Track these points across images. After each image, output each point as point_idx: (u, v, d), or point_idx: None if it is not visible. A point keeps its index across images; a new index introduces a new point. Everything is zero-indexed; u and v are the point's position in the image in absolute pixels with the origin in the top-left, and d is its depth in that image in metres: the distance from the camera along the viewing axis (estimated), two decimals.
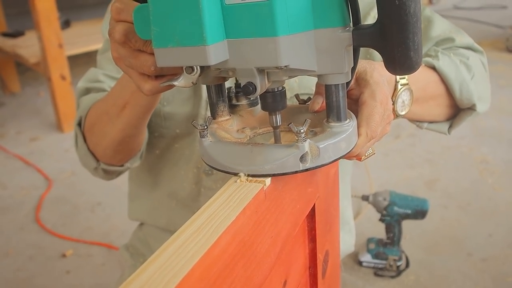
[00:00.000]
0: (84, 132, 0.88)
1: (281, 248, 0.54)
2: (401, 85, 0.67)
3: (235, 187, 0.48)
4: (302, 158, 0.49)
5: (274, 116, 0.53)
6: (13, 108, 3.25)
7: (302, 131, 0.48)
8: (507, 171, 2.21)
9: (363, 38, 0.47)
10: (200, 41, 0.45)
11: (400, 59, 0.46)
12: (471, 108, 0.84)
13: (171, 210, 1.00)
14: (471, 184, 2.13)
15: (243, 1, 0.45)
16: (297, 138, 0.49)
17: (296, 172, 0.49)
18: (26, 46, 3.00)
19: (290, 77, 0.51)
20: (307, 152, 0.49)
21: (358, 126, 0.55)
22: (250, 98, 0.62)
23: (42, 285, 1.69)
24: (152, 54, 0.53)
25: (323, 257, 0.71)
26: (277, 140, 0.55)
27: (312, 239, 0.67)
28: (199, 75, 0.49)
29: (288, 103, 0.57)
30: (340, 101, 0.52)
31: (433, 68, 0.79)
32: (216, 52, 0.46)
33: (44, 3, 2.59)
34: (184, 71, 0.49)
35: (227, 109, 0.60)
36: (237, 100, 0.62)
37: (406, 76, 0.67)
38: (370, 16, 0.89)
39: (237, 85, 0.62)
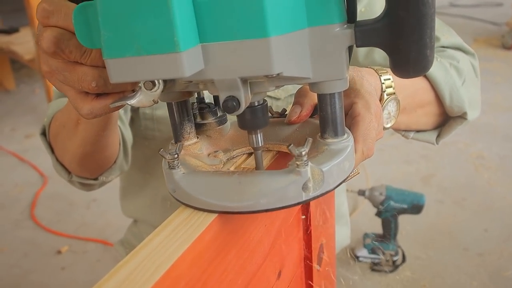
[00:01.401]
0: (49, 143, 0.79)
1: (275, 238, 0.54)
2: (387, 94, 0.59)
3: None
4: (305, 186, 0.40)
5: (255, 135, 0.44)
6: (8, 105, 3.23)
7: (303, 153, 0.39)
8: (503, 167, 2.22)
9: (369, 35, 0.39)
10: (170, 48, 0.35)
11: (416, 59, 0.38)
12: (462, 116, 0.78)
13: (166, 211, 0.99)
14: (467, 179, 2.13)
15: None
16: (297, 163, 0.40)
17: (297, 204, 0.41)
18: (21, 43, 2.99)
19: (277, 87, 0.42)
20: (309, 178, 0.40)
21: (354, 142, 0.47)
22: (217, 115, 0.52)
23: (37, 282, 1.68)
24: (93, 66, 0.44)
25: (318, 249, 0.71)
26: (259, 164, 0.46)
27: (307, 230, 0.67)
28: (162, 91, 0.40)
29: None
30: (338, 113, 0.43)
31: None
32: (191, 61, 0.36)
33: (38, 0, 2.57)
34: (143, 87, 0.40)
35: (193, 130, 0.50)
36: (202, 118, 0.52)
37: (392, 84, 0.59)
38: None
39: (200, 100, 0.52)
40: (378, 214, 1.64)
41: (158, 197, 0.99)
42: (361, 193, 1.65)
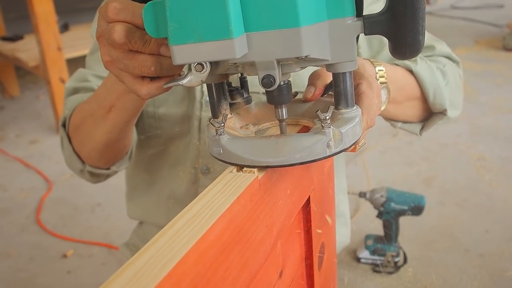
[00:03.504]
0: (69, 133, 0.86)
1: (276, 238, 0.56)
2: (380, 83, 0.68)
3: (230, 177, 0.50)
4: (328, 144, 0.50)
5: (280, 110, 0.54)
6: (12, 111, 3.26)
7: (327, 117, 0.49)
8: (504, 168, 2.23)
9: (375, 26, 0.49)
10: (226, 35, 0.44)
11: (411, 44, 0.48)
12: (443, 113, 0.88)
13: (169, 209, 1.02)
14: (468, 181, 2.15)
15: None
16: (323, 125, 0.50)
17: (324, 158, 0.50)
18: (25, 50, 3.02)
19: (302, 68, 0.52)
20: (331, 138, 0.50)
21: None
22: (244, 96, 0.62)
23: (43, 285, 1.70)
24: (151, 54, 0.52)
25: (319, 249, 0.72)
26: (284, 133, 0.56)
27: (308, 231, 0.68)
28: (209, 72, 0.48)
29: None
30: (348, 88, 0.53)
31: (411, 71, 0.83)
32: (240, 46, 0.45)
33: (43, 7, 2.61)
34: (194, 69, 0.48)
35: (229, 108, 0.59)
36: (232, 99, 0.61)
37: (385, 75, 0.69)
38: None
39: (229, 84, 0.61)
40: (379, 215, 1.66)
41: (162, 197, 1.02)
42: (362, 195, 1.67)
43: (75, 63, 3.24)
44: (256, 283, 0.51)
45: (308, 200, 0.65)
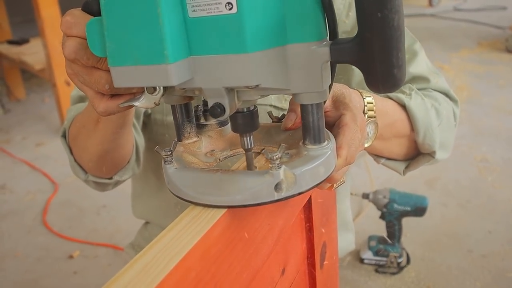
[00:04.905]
0: (69, 144, 0.85)
1: (278, 236, 0.57)
2: (368, 117, 0.64)
3: None
4: (277, 187, 0.44)
5: (245, 138, 0.49)
6: (18, 114, 3.29)
7: (276, 157, 0.43)
8: (507, 169, 2.24)
9: (342, 53, 0.42)
10: (161, 59, 0.40)
11: (383, 77, 0.41)
12: (431, 155, 0.82)
13: (176, 214, 1.03)
14: (471, 182, 2.16)
15: (208, 14, 0.40)
16: (270, 166, 0.44)
17: (270, 202, 0.45)
18: (31, 53, 3.05)
19: (262, 96, 0.47)
20: (282, 179, 0.44)
21: (338, 148, 0.51)
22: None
23: (50, 286, 1.73)
24: (107, 71, 0.49)
25: (321, 248, 0.74)
26: (249, 164, 0.50)
27: (309, 230, 0.70)
28: (162, 95, 0.45)
29: (262, 120, 0.52)
30: (317, 121, 0.47)
31: (403, 106, 0.77)
32: (180, 71, 0.41)
33: (49, 11, 2.64)
34: (146, 91, 0.45)
35: (194, 130, 0.55)
36: (206, 119, 0.57)
37: (374, 109, 0.64)
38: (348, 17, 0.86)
39: (205, 103, 0.57)
40: (382, 216, 1.67)
41: (170, 202, 1.03)
42: (365, 196, 1.68)
43: None
44: (258, 280, 0.53)
45: (310, 201, 0.66)
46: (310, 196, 0.66)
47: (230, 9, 0.39)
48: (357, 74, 0.88)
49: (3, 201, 2.27)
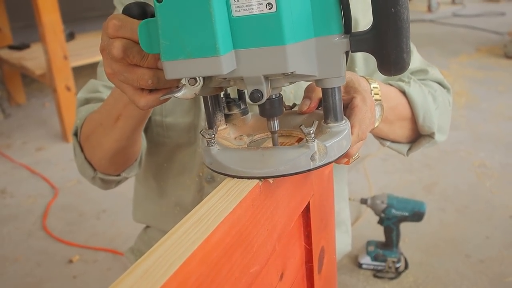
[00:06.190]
0: (80, 142, 0.89)
1: (277, 241, 0.58)
2: (375, 99, 0.70)
3: (233, 183, 0.53)
4: (312, 157, 0.52)
5: (272, 122, 0.55)
6: (19, 119, 3.30)
7: (311, 131, 0.51)
8: (505, 175, 2.25)
9: (361, 43, 0.50)
10: (213, 52, 0.46)
11: (395, 61, 0.49)
12: (430, 136, 0.91)
13: (175, 216, 1.04)
14: (469, 187, 2.17)
15: (250, 13, 0.47)
16: (307, 138, 0.51)
17: (308, 170, 0.52)
18: (32, 58, 3.06)
19: (291, 83, 0.54)
20: (316, 151, 0.52)
21: (351, 127, 0.58)
22: (241, 108, 0.64)
23: None
24: (149, 68, 0.55)
25: (319, 253, 0.75)
26: (275, 144, 0.57)
27: (308, 235, 0.71)
28: (202, 86, 0.50)
29: None
30: (337, 103, 0.55)
31: (404, 92, 0.85)
32: (227, 62, 0.47)
33: (50, 16, 2.65)
34: (187, 83, 0.50)
35: (223, 119, 0.61)
36: (229, 110, 0.63)
37: (379, 93, 0.71)
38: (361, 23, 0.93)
39: (227, 96, 0.64)
40: (380, 222, 1.68)
41: (170, 204, 1.04)
42: (364, 201, 1.69)
43: (81, 71, 3.29)
44: (257, 284, 0.54)
45: (308, 206, 0.67)
46: (309, 202, 0.67)
47: (270, 8, 0.46)
48: (359, 70, 0.95)
49: (3, 205, 2.27)
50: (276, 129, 0.56)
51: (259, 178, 0.51)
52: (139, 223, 1.16)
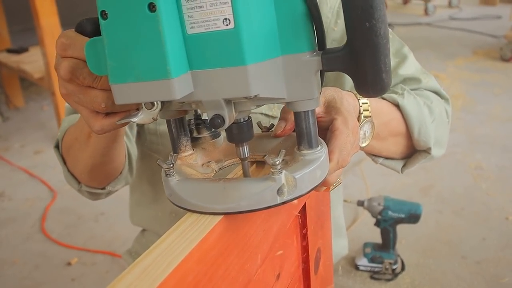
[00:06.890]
0: (62, 155, 0.86)
1: (273, 242, 0.59)
2: (364, 116, 0.65)
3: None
4: (279, 191, 0.46)
5: (241, 148, 0.51)
6: (17, 122, 3.31)
7: (277, 162, 0.46)
8: (501, 177, 2.26)
9: (333, 62, 0.45)
10: (163, 75, 0.41)
11: (373, 82, 0.44)
12: (427, 151, 0.84)
13: (172, 222, 1.04)
14: (466, 189, 2.18)
15: (206, 30, 0.42)
16: (272, 170, 0.46)
17: (274, 206, 0.47)
18: (30, 62, 3.07)
19: (258, 106, 0.49)
20: (284, 183, 0.46)
21: (330, 153, 0.53)
22: (212, 130, 0.58)
23: None
24: (103, 90, 0.50)
25: (315, 254, 0.75)
26: (245, 172, 0.53)
27: (304, 236, 0.71)
28: (160, 110, 0.46)
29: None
30: (311, 127, 0.49)
31: (397, 105, 0.78)
32: (181, 85, 0.42)
33: (48, 20, 2.66)
34: (144, 107, 0.46)
35: (189, 143, 0.56)
36: (199, 133, 0.58)
37: (369, 108, 0.66)
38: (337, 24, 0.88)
39: (197, 117, 0.59)
40: (377, 223, 1.69)
41: (166, 210, 1.04)
42: (360, 203, 1.70)
43: None
44: (254, 284, 0.55)
45: (304, 207, 0.68)
46: (305, 203, 0.68)
47: (228, 24, 0.41)
48: (348, 81, 0.89)
49: (1, 208, 2.28)
50: (246, 156, 0.51)
51: (218, 214, 0.47)
52: (136, 226, 1.17)
